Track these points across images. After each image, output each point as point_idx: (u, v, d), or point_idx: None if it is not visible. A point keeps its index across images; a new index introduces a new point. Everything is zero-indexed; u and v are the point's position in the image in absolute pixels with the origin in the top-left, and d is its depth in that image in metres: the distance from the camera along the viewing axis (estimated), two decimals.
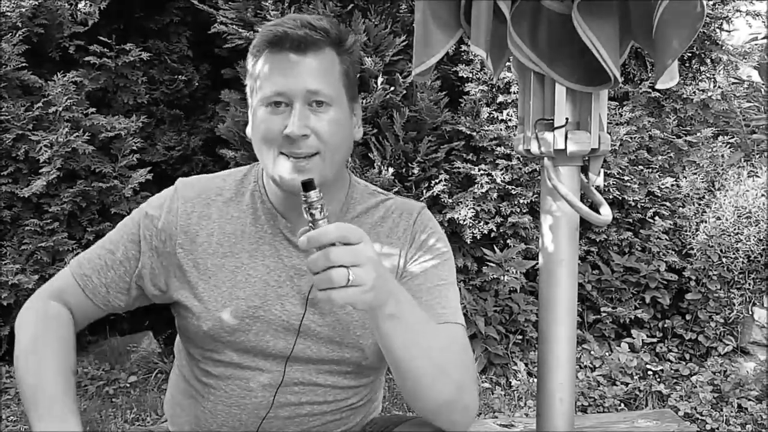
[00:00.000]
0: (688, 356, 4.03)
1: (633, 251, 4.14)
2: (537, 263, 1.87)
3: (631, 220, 4.19)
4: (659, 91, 4.35)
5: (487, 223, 3.76)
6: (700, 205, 4.25)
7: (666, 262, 4.09)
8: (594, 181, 1.64)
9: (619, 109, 4.18)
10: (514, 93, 3.82)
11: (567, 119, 1.58)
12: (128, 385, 3.53)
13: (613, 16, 1.48)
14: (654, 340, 4.02)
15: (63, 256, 3.46)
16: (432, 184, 3.68)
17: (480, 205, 3.73)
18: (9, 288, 3.37)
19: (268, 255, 1.28)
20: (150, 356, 3.70)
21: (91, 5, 3.72)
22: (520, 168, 3.80)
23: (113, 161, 3.70)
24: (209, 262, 1.28)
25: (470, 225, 3.71)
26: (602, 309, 4.02)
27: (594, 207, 1.59)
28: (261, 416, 1.29)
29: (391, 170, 3.58)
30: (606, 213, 1.55)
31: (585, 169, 1.66)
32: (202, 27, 4.01)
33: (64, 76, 3.53)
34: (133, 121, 3.76)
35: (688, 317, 4.11)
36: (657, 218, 4.13)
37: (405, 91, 3.69)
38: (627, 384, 3.57)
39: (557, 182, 1.56)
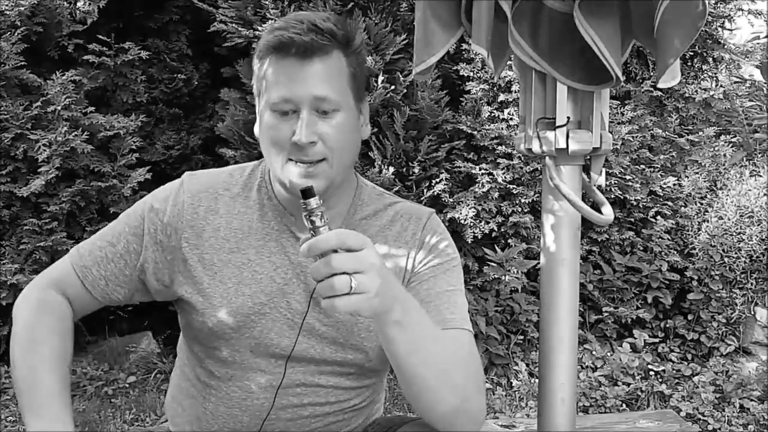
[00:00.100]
0: (690, 356, 4.01)
1: (635, 251, 4.13)
2: (538, 263, 1.86)
3: (633, 220, 4.17)
4: (661, 90, 4.34)
5: (488, 223, 3.75)
6: (702, 205, 4.24)
7: (668, 262, 4.08)
8: (596, 181, 1.63)
9: (621, 108, 4.16)
10: (515, 92, 3.80)
11: (568, 118, 1.57)
12: (127, 386, 3.52)
13: (615, 15, 1.47)
14: (656, 340, 4.01)
15: (62, 256, 3.43)
16: (433, 184, 3.67)
17: (481, 205, 3.72)
18: (8, 288, 3.36)
19: (275, 251, 1.27)
20: (149, 356, 3.69)
21: (90, 4, 3.71)
22: (522, 167, 3.79)
23: (112, 160, 3.69)
24: (215, 258, 1.26)
25: (471, 224, 3.70)
26: (604, 309, 4.01)
27: (596, 206, 1.58)
28: (263, 418, 1.28)
29: (392, 169, 3.57)
30: (608, 212, 1.54)
31: (587, 169, 1.65)
32: (202, 25, 4.00)
33: (63, 75, 3.52)
34: (132, 120, 3.75)
35: (690, 317, 4.10)
36: (659, 218, 4.11)
37: (405, 90, 3.68)
38: (629, 384, 3.56)
39: (559, 181, 1.55)
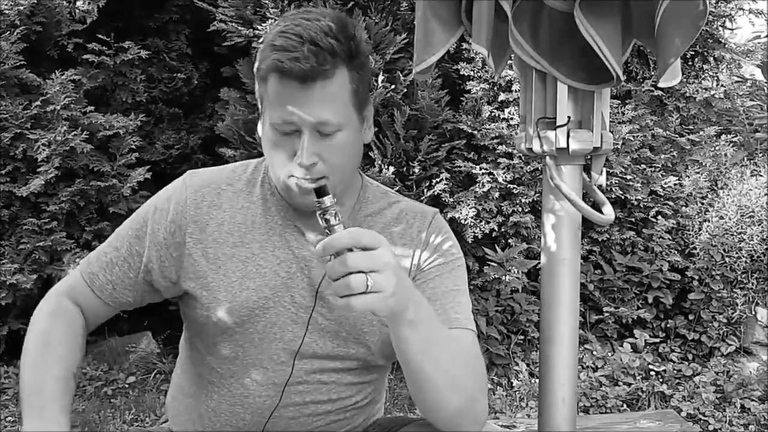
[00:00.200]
0: (691, 356, 4.01)
1: (635, 251, 4.13)
2: (539, 263, 1.86)
3: (634, 220, 4.17)
4: (662, 90, 4.33)
5: (489, 223, 3.75)
6: (703, 205, 4.24)
7: (669, 262, 4.07)
8: (596, 180, 1.63)
9: (622, 108, 4.16)
10: (516, 91, 3.80)
11: (569, 118, 1.57)
12: (127, 386, 3.51)
13: (615, 14, 1.47)
14: (656, 341, 4.00)
15: (61, 256, 3.44)
16: (433, 183, 3.67)
17: (481, 205, 3.72)
18: (7, 288, 3.36)
19: (279, 246, 1.27)
20: (149, 356, 3.69)
21: (90, 3, 3.70)
22: (522, 167, 3.78)
23: (112, 160, 3.68)
24: (219, 252, 1.27)
25: (471, 224, 3.70)
26: (604, 309, 4.00)
27: (596, 206, 1.58)
28: (265, 416, 1.27)
29: (392, 169, 3.57)
30: (608, 212, 1.54)
31: (587, 168, 1.65)
32: (202, 25, 3.99)
33: (63, 75, 3.52)
34: (132, 120, 3.74)
35: (691, 317, 4.10)
36: (660, 217, 4.11)
37: (406, 90, 3.67)
38: (629, 384, 3.56)
39: (559, 181, 1.55)
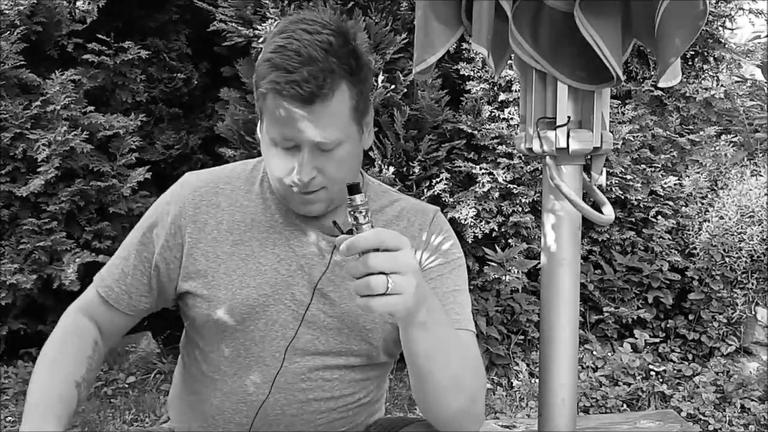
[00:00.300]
0: (691, 356, 4.01)
1: (635, 251, 4.13)
2: (539, 263, 1.86)
3: (634, 220, 4.17)
4: (662, 90, 4.33)
5: (489, 223, 3.74)
6: (703, 205, 4.24)
7: (669, 262, 4.07)
8: (596, 180, 1.63)
9: (622, 108, 4.16)
10: (516, 91, 3.80)
11: (569, 118, 1.57)
12: (127, 386, 3.51)
13: (615, 14, 1.47)
14: (657, 341, 4.00)
15: (61, 256, 3.44)
16: (433, 183, 3.67)
17: (481, 205, 3.71)
18: (7, 288, 3.35)
19: (279, 244, 1.28)
20: (149, 356, 3.69)
21: (90, 3, 3.69)
22: (522, 167, 3.78)
23: (112, 160, 3.68)
24: (219, 250, 1.27)
25: (471, 224, 3.69)
26: (604, 309, 4.00)
27: (596, 206, 1.58)
28: (267, 413, 1.27)
29: (392, 169, 3.57)
30: (608, 212, 1.54)
31: (587, 168, 1.65)
32: (201, 25, 3.99)
33: (63, 75, 3.51)
34: (132, 120, 3.74)
35: (691, 317, 4.10)
36: (660, 217, 4.11)
37: (406, 90, 3.67)
38: (629, 384, 3.56)
39: (559, 181, 1.55)
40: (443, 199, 3.67)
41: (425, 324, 1.04)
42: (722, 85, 4.86)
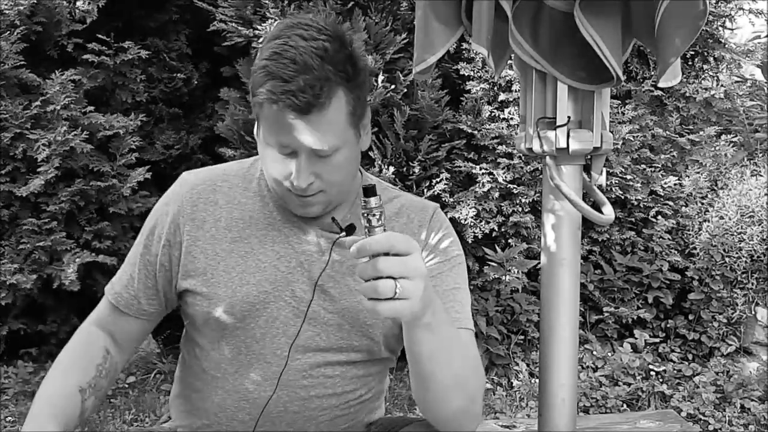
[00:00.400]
0: (691, 356, 4.01)
1: (635, 251, 4.13)
2: (539, 263, 1.86)
3: (634, 220, 4.17)
4: (662, 90, 4.33)
5: (489, 223, 3.74)
6: (703, 205, 4.23)
7: (669, 262, 4.07)
8: (596, 180, 1.63)
9: (622, 108, 4.16)
10: (516, 91, 3.79)
11: (569, 118, 1.57)
12: (127, 386, 3.51)
13: (615, 14, 1.47)
14: (657, 341, 4.00)
15: (61, 256, 3.44)
16: (433, 183, 3.67)
17: (481, 204, 3.71)
18: (7, 288, 3.35)
19: (278, 241, 1.28)
20: (149, 356, 3.68)
21: (90, 3, 3.69)
22: (522, 167, 3.78)
23: (112, 160, 3.68)
24: (218, 248, 1.28)
25: (471, 224, 3.69)
26: (604, 309, 4.00)
27: (596, 206, 1.58)
28: (270, 410, 1.27)
29: (392, 169, 3.56)
30: (608, 212, 1.54)
31: (587, 168, 1.65)
32: (201, 25, 3.99)
33: (63, 75, 3.51)
34: (132, 120, 3.74)
35: (691, 317, 4.10)
36: (660, 217, 4.11)
37: (406, 90, 3.67)
38: (629, 384, 3.56)
39: (559, 181, 1.55)
40: (443, 199, 3.67)
41: (430, 326, 1.05)
42: (722, 85, 4.86)
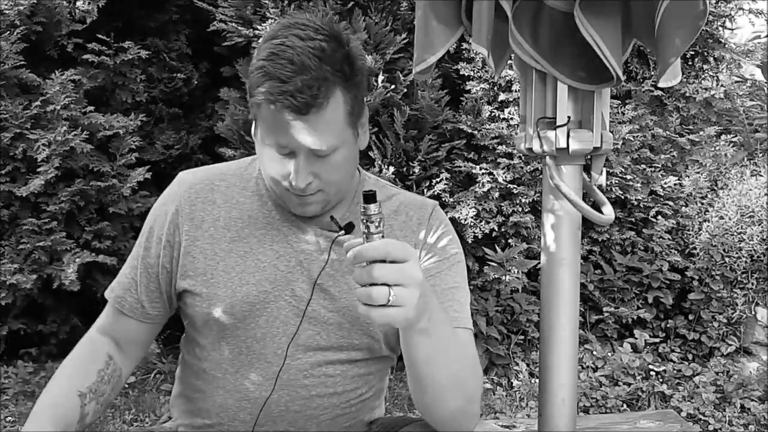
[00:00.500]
0: (691, 356, 4.01)
1: (635, 251, 4.13)
2: (539, 263, 1.86)
3: (634, 220, 4.17)
4: (662, 90, 4.33)
5: (489, 223, 3.74)
6: (703, 205, 4.24)
7: (669, 262, 4.07)
8: (596, 180, 1.63)
9: (622, 108, 4.16)
10: (516, 91, 3.79)
11: (569, 118, 1.57)
12: (127, 386, 3.51)
13: (616, 14, 1.47)
14: (657, 341, 4.00)
15: (61, 256, 3.44)
16: (433, 183, 3.67)
17: (481, 204, 3.71)
18: (7, 288, 3.35)
19: (277, 240, 1.28)
20: (149, 356, 3.68)
21: (90, 3, 3.69)
22: (522, 167, 3.78)
23: (112, 160, 3.68)
24: (217, 248, 1.28)
25: (471, 224, 3.69)
26: (604, 309, 4.00)
27: (596, 206, 1.58)
28: (271, 410, 1.27)
29: (392, 169, 3.57)
30: (608, 212, 1.54)
31: (587, 168, 1.65)
32: (202, 25, 3.99)
33: (63, 75, 3.51)
34: (132, 120, 3.73)
35: (691, 317, 4.10)
36: (660, 217, 4.11)
37: (406, 90, 3.67)
38: (629, 384, 3.56)
39: (559, 181, 1.55)
40: (443, 199, 3.67)
41: (426, 330, 1.05)
42: (722, 85, 4.86)
